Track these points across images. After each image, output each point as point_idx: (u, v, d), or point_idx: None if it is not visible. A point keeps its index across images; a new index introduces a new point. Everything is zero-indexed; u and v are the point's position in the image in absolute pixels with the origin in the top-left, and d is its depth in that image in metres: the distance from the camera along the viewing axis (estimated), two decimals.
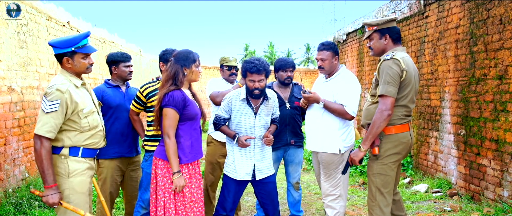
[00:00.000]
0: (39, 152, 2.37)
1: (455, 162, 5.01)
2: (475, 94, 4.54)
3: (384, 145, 2.81)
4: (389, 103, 2.70)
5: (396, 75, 2.69)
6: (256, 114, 3.09)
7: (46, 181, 2.38)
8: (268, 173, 3.16)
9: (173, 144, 2.66)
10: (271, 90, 3.25)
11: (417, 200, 4.84)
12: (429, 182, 5.36)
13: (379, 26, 2.87)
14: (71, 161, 2.50)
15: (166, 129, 2.67)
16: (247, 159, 3.09)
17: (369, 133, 2.77)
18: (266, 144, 3.11)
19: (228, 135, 3.11)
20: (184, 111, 2.69)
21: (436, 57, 5.41)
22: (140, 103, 3.34)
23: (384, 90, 2.70)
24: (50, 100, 2.39)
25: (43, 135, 2.36)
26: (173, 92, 2.67)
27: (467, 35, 4.70)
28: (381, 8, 7.08)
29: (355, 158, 2.89)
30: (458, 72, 4.89)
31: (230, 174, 3.12)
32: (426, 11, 5.67)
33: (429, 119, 5.66)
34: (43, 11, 5.35)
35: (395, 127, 2.79)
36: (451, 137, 5.08)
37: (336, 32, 10.47)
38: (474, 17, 4.55)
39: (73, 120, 2.48)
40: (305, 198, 5.02)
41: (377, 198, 2.83)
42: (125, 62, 3.48)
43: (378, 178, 2.83)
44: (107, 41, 8.25)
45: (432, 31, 5.50)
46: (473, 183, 4.62)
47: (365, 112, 2.95)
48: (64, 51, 2.49)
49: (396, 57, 2.71)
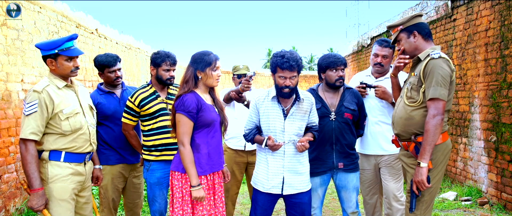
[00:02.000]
0: (24, 155, 2.32)
1: (485, 170, 4.84)
2: (507, 99, 4.38)
3: (434, 155, 2.48)
4: (441, 107, 2.38)
5: (447, 76, 2.40)
6: (287, 116, 2.70)
7: (32, 185, 2.33)
8: (299, 189, 2.71)
9: (188, 152, 2.45)
10: (308, 93, 2.83)
11: (445, 208, 4.69)
12: (458, 190, 5.19)
13: (404, 25, 2.62)
14: (52, 165, 2.42)
15: (180, 136, 2.47)
16: (276, 169, 2.69)
17: (426, 143, 2.39)
18: (298, 148, 2.63)
19: (259, 142, 2.71)
20: (199, 116, 2.48)
21: (465, 61, 5.26)
22: (133, 114, 3.02)
23: (437, 93, 2.37)
24: (28, 102, 2.37)
25: (26, 138, 2.32)
26: (184, 96, 2.48)
27: (497, 38, 4.55)
28: (406, 11, 6.96)
29: (420, 179, 2.41)
30: (488, 76, 4.74)
31: (258, 186, 2.76)
32: (453, 14, 5.52)
33: (457, 125, 5.50)
34: (73, 19, 5.55)
35: (443, 134, 2.50)
36: (481, 143, 4.91)
37: (360, 37, 10.35)
38: (505, 19, 4.40)
39: (53, 122, 2.42)
40: (328, 204, 4.96)
41: (422, 213, 2.53)
42: (110, 66, 3.18)
43: (426, 191, 2.50)
44: (133, 47, 8.45)
45: (460, 34, 5.35)
46: (506, 191, 4.44)
47: (404, 120, 2.56)
48: (49, 53, 2.48)
49: (444, 56, 2.45)
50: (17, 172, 4.16)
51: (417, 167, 2.43)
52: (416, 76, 2.53)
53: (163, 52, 3.07)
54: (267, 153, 2.70)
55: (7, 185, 3.99)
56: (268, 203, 2.75)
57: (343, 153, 2.93)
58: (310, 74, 18.57)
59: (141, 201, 3.48)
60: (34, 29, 4.54)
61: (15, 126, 4.16)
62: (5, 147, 4.00)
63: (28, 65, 4.41)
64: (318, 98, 2.96)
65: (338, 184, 3.01)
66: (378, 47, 3.23)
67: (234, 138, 3.62)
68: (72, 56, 2.52)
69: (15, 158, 4.15)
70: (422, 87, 2.47)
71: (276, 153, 2.68)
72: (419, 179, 2.41)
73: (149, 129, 3.02)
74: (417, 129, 2.51)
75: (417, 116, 2.50)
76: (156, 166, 3.02)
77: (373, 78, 3.32)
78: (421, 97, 2.49)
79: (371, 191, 3.34)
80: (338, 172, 2.95)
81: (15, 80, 4.18)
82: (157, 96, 3.04)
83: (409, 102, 2.55)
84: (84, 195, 2.65)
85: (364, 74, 3.42)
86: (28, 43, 4.41)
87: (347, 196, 3.00)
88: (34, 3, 4.55)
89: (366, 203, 3.39)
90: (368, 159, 3.26)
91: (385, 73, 3.25)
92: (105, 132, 3.18)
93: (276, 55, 2.64)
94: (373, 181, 3.31)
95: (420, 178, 2.41)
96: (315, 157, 2.92)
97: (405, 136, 2.58)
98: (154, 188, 3.03)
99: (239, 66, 3.83)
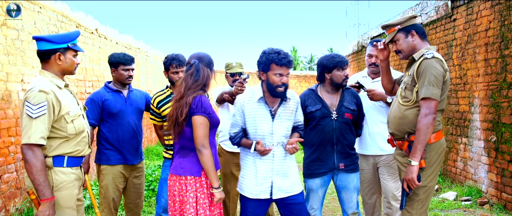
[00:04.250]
0: (32, 163, 2.11)
1: (485, 170, 4.83)
2: (507, 99, 4.38)
3: (427, 154, 2.51)
4: (433, 106, 2.41)
5: (440, 76, 2.43)
6: (274, 117, 2.59)
7: (43, 195, 2.13)
8: (290, 192, 2.61)
9: (210, 155, 2.40)
10: (292, 91, 2.72)
11: (445, 208, 4.69)
12: (458, 190, 5.19)
13: (402, 25, 2.63)
14: (56, 172, 2.25)
15: (201, 139, 2.38)
16: (264, 173, 2.57)
17: (417, 142, 2.43)
18: (288, 150, 2.55)
19: (246, 145, 2.60)
20: (211, 118, 2.45)
21: (465, 61, 5.26)
22: (156, 114, 3.19)
23: (429, 92, 2.40)
24: (36, 103, 2.14)
25: (35, 143, 2.12)
26: (201, 97, 2.43)
27: (497, 38, 4.55)
28: (406, 11, 6.96)
29: (411, 177, 2.44)
30: (488, 76, 4.74)
31: (245, 193, 2.61)
32: (453, 14, 5.52)
33: (457, 125, 5.50)
34: (73, 19, 5.55)
35: (436, 133, 2.53)
36: (481, 143, 4.91)
37: (360, 37, 10.36)
38: (505, 19, 4.40)
39: (58, 125, 2.25)
40: (328, 204, 4.96)
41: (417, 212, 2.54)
42: (125, 65, 3.25)
43: (421, 190, 2.52)
44: (133, 47, 8.45)
45: (460, 34, 5.35)
46: (506, 191, 4.44)
47: (398, 119, 2.59)
48: (58, 47, 2.30)
49: (438, 56, 2.47)
50: (17, 172, 4.16)
51: (408, 165, 2.46)
52: (410, 76, 2.56)
53: (170, 55, 3.17)
54: (255, 156, 2.59)
55: (7, 185, 3.99)
56: (259, 208, 2.62)
57: (344, 153, 2.91)
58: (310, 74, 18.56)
59: (141, 202, 3.49)
60: (34, 29, 4.54)
61: (15, 126, 4.16)
62: (5, 147, 4.01)
63: (28, 65, 4.41)
64: (317, 99, 2.94)
65: (338, 185, 2.97)
66: (371, 48, 3.26)
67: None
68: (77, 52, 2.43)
69: (15, 158, 4.15)
70: (416, 87, 2.50)
71: (265, 156, 2.57)
72: (409, 177, 2.44)
73: (166, 129, 3.08)
74: (410, 128, 2.53)
75: (411, 115, 2.52)
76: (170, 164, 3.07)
77: (369, 79, 3.33)
78: (414, 97, 2.52)
79: (370, 191, 3.34)
80: (339, 172, 2.92)
81: (15, 80, 4.18)
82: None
83: (403, 101, 2.58)
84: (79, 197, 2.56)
85: (360, 75, 3.43)
86: (28, 43, 4.41)
87: (347, 197, 2.97)
88: (34, 3, 4.56)
89: (365, 203, 3.39)
90: (367, 159, 3.27)
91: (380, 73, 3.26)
92: (108, 130, 3.21)
93: (270, 52, 2.53)
94: (371, 181, 3.32)
95: (410, 176, 2.43)
96: (316, 157, 2.89)
97: (399, 135, 2.60)
98: (163, 184, 3.16)
99: (232, 64, 3.70)
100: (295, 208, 2.62)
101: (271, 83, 2.52)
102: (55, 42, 2.30)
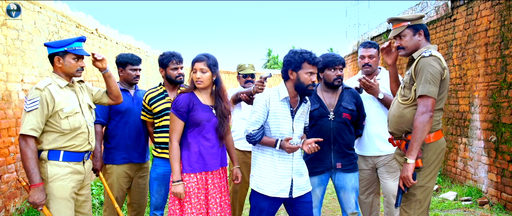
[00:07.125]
0: (24, 150, 2.38)
1: (485, 170, 4.84)
2: (507, 99, 4.38)
3: (425, 154, 2.49)
4: (430, 104, 2.39)
5: (437, 74, 2.42)
6: (294, 117, 2.66)
7: (32, 180, 2.37)
8: (305, 189, 2.68)
9: (174, 149, 2.57)
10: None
11: (445, 208, 4.69)
12: (458, 190, 5.19)
13: (412, 22, 2.60)
14: (51, 165, 2.48)
15: (169, 133, 2.63)
16: (284, 172, 2.60)
17: (413, 140, 2.41)
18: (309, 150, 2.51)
19: (269, 144, 2.58)
20: (189, 116, 2.58)
21: (465, 61, 5.26)
22: (147, 111, 3.19)
23: (425, 90, 2.39)
24: (30, 99, 2.43)
25: (26, 134, 2.38)
26: (179, 96, 2.65)
27: (497, 38, 4.55)
28: (406, 11, 6.96)
29: (407, 176, 2.43)
30: (488, 76, 4.74)
31: (265, 191, 2.59)
32: (453, 14, 5.53)
33: (457, 125, 5.50)
34: (73, 19, 5.55)
35: (435, 133, 2.51)
36: (481, 143, 4.91)
37: (360, 37, 10.36)
38: (505, 19, 4.40)
39: (53, 120, 2.48)
40: (328, 204, 4.96)
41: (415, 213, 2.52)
42: (133, 65, 3.34)
43: (418, 190, 2.49)
44: (134, 47, 8.45)
45: (460, 34, 5.35)
46: (506, 191, 4.44)
47: (396, 118, 2.59)
48: (57, 51, 2.55)
49: (436, 55, 2.46)
50: (17, 172, 4.16)
51: (404, 163, 2.45)
52: (408, 74, 2.57)
53: (168, 52, 3.18)
54: (274, 155, 2.61)
55: (7, 185, 3.99)
56: (273, 208, 2.65)
57: (341, 153, 2.92)
58: None
59: (145, 202, 3.51)
60: (34, 29, 4.54)
61: (15, 126, 4.16)
62: (5, 147, 4.00)
63: (28, 65, 4.41)
64: (316, 98, 2.96)
65: (337, 185, 2.99)
66: (363, 49, 3.30)
67: (242, 139, 3.54)
68: (79, 57, 2.61)
69: (15, 158, 4.15)
70: (414, 86, 2.50)
71: (285, 155, 2.60)
72: (404, 174, 2.44)
73: (156, 126, 3.15)
74: (408, 127, 2.53)
75: (409, 113, 2.52)
76: (158, 162, 3.11)
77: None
78: (413, 95, 2.51)
79: (367, 190, 3.34)
80: (337, 172, 2.94)
81: (15, 80, 4.18)
82: (165, 96, 3.13)
83: (402, 100, 2.59)
84: (83, 193, 2.69)
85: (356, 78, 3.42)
86: (28, 43, 4.41)
87: (346, 197, 2.98)
88: (34, 3, 4.55)
89: (363, 202, 3.37)
90: (366, 159, 3.27)
91: (374, 74, 3.29)
92: (114, 128, 3.24)
93: (302, 51, 2.56)
94: (369, 181, 3.32)
95: (406, 174, 2.43)
96: (313, 156, 2.90)
97: (398, 134, 2.61)
98: (153, 183, 3.13)
99: (244, 65, 3.76)
100: (305, 207, 2.67)
101: (302, 82, 2.56)
102: (53, 47, 2.56)
